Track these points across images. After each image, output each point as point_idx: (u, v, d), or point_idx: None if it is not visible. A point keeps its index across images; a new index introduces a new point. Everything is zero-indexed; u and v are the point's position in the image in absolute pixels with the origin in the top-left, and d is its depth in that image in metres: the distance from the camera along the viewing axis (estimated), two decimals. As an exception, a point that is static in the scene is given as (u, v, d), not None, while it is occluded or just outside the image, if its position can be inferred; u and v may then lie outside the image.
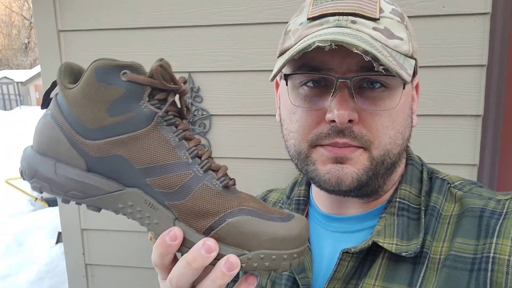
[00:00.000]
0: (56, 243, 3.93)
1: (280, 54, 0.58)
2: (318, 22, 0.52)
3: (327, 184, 0.55)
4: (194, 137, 0.45)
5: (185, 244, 0.42)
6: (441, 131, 1.54)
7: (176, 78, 0.44)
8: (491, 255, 0.50)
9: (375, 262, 0.55)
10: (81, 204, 0.44)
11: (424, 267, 0.53)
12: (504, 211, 0.53)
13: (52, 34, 1.78)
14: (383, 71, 0.48)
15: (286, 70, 0.56)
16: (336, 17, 0.52)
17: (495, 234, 0.51)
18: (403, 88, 0.53)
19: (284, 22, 1.59)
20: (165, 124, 0.43)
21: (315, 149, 0.55)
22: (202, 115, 1.72)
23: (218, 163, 0.45)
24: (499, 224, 0.52)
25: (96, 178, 0.43)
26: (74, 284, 2.01)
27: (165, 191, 0.42)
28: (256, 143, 1.72)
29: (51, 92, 0.46)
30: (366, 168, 0.54)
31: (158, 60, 0.42)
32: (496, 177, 1.52)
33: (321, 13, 0.52)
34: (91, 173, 0.43)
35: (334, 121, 0.51)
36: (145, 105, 0.42)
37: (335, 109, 0.50)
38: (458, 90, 1.51)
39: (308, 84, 0.55)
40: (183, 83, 0.45)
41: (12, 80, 25.34)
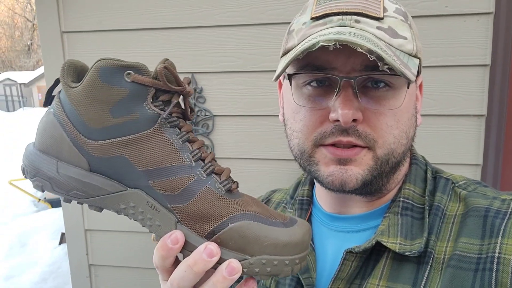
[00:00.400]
0: (59, 244, 3.94)
1: (283, 54, 0.57)
2: (321, 21, 0.52)
3: (330, 186, 0.55)
4: (198, 139, 0.45)
5: (186, 247, 0.42)
6: (444, 131, 1.54)
7: (180, 79, 0.43)
8: (496, 255, 0.50)
9: (379, 262, 0.55)
10: (82, 203, 0.44)
11: (429, 267, 0.53)
12: (509, 211, 0.53)
13: (55, 35, 1.79)
14: (387, 71, 0.48)
15: (290, 70, 0.56)
16: (339, 16, 0.51)
17: (500, 234, 0.51)
18: (408, 87, 0.53)
19: (286, 22, 1.59)
20: (168, 126, 0.42)
21: (318, 149, 0.55)
22: (205, 115, 1.73)
23: (221, 166, 0.45)
24: (504, 224, 0.52)
25: (99, 178, 0.43)
26: (77, 284, 2.02)
27: (167, 194, 0.42)
28: (259, 144, 1.72)
29: (53, 89, 0.45)
30: (371, 168, 0.54)
31: (162, 60, 0.42)
32: (500, 176, 1.52)
33: (324, 12, 0.52)
34: (94, 173, 0.43)
35: (338, 120, 0.51)
36: (148, 106, 0.41)
37: (339, 108, 0.50)
38: (461, 90, 1.50)
39: (312, 83, 0.54)
40: (187, 84, 0.45)
41: (15, 81, 25.38)
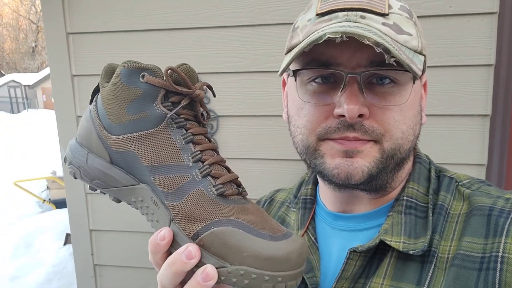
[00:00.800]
0: (64, 244, 3.95)
1: (288, 51, 0.57)
2: (327, 17, 0.52)
3: (335, 179, 0.54)
4: (206, 141, 0.46)
5: (174, 245, 0.43)
6: (448, 131, 1.54)
7: (189, 82, 0.45)
8: (500, 254, 0.49)
9: (383, 261, 0.55)
10: (105, 193, 0.48)
11: (433, 266, 0.52)
12: (513, 209, 0.53)
13: (61, 36, 1.80)
14: (394, 63, 0.48)
15: (295, 66, 0.56)
16: (345, 12, 0.51)
17: (504, 233, 0.51)
18: (413, 83, 0.53)
19: (290, 23, 1.59)
20: (175, 126, 0.45)
21: (324, 142, 0.54)
22: (210, 116, 1.73)
23: (224, 171, 0.45)
24: (507, 223, 0.51)
25: (117, 170, 0.46)
26: (82, 284, 2.03)
27: (165, 191, 0.44)
28: (263, 144, 1.72)
29: (97, 89, 0.50)
30: (377, 161, 0.53)
31: (179, 64, 0.46)
32: (505, 176, 1.52)
33: (330, 8, 0.52)
34: (114, 165, 0.46)
35: (343, 115, 0.51)
36: (158, 106, 0.44)
37: (345, 103, 0.50)
38: (466, 90, 1.50)
39: (316, 80, 0.54)
40: (199, 88, 0.46)
41: (20, 83, 25.50)
